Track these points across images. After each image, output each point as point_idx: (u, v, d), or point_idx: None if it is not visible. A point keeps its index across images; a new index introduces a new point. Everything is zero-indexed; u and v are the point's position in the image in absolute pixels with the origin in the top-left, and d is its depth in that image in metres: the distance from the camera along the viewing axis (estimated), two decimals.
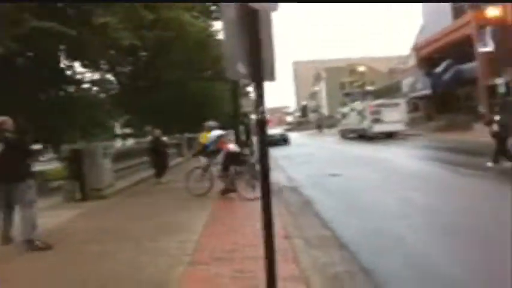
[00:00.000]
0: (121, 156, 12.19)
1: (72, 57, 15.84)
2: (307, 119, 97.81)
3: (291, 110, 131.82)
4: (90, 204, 9.00)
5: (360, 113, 33.50)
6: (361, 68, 49.07)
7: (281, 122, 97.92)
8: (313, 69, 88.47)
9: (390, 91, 47.11)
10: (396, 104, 32.46)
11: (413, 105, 39.87)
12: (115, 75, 24.84)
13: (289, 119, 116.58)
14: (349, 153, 21.56)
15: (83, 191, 9.23)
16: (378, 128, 31.13)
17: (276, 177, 13.27)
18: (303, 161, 18.56)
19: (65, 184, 9.58)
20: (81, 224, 7.13)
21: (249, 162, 12.06)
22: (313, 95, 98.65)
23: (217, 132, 9.71)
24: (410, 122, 33.89)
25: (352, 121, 35.75)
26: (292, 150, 27.02)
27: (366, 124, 32.02)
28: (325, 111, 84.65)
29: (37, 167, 17.01)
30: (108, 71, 24.11)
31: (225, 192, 9.25)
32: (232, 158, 9.25)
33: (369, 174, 12.53)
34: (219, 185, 9.61)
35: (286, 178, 13.37)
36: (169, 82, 24.80)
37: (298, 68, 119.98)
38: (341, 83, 77.92)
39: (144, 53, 23.59)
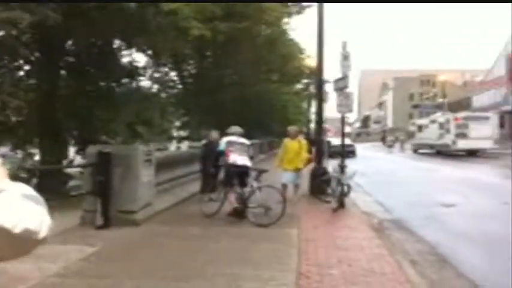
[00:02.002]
0: (168, 164, 9.47)
1: (132, 41, 13.49)
2: (368, 131, 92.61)
3: (351, 120, 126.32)
4: (112, 236, 5.97)
5: (442, 126, 29.32)
6: (442, 77, 44.07)
7: (339, 132, 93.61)
8: (380, 78, 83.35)
9: (463, 104, 42.42)
10: (486, 118, 28.23)
11: (500, 121, 34.99)
12: (179, 74, 23.04)
13: (347, 129, 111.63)
14: (440, 173, 17.76)
15: (105, 214, 6.41)
16: (463, 144, 27.14)
17: (363, 203, 10.14)
18: (385, 180, 15.13)
19: (85, 201, 6.80)
20: (74, 283, 4.16)
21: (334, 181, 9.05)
22: (381, 105, 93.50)
23: (227, 138, 7.64)
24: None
25: (430, 135, 31.49)
26: (362, 164, 23.37)
27: (448, 139, 27.94)
28: (389, 122, 79.52)
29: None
30: (172, 69, 22.36)
31: (231, 214, 7.29)
32: (234, 172, 7.33)
33: (500, 208, 9.02)
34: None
35: (375, 204, 10.17)
36: (234, 83, 22.57)
37: (365, 76, 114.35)
38: (410, 94, 72.66)
39: (209, 53, 21.59)
